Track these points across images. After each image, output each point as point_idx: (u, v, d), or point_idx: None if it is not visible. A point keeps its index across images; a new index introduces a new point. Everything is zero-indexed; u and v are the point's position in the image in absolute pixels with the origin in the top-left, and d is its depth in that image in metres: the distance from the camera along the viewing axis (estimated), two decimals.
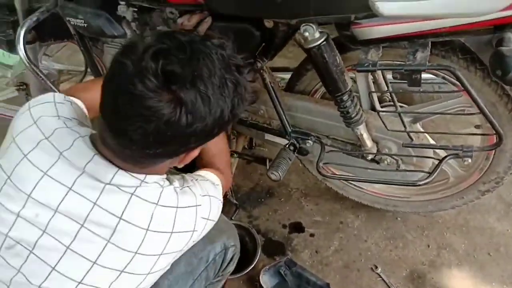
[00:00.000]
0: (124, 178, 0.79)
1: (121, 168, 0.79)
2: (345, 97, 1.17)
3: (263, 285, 1.45)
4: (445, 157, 1.16)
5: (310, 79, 1.35)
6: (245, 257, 1.58)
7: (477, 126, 1.28)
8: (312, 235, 1.66)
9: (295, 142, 1.37)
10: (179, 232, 0.84)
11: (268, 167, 1.39)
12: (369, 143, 1.28)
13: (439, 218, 1.65)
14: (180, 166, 0.86)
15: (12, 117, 0.90)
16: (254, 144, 1.94)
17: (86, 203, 0.78)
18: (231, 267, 1.19)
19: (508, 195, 1.69)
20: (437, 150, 1.33)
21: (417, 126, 1.32)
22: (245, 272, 1.52)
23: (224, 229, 1.12)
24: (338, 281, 1.50)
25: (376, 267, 1.53)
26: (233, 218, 1.71)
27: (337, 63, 1.12)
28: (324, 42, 1.08)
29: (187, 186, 0.88)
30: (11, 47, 1.59)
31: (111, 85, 0.71)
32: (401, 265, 1.54)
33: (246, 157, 1.63)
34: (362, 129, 1.25)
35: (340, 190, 1.64)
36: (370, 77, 1.30)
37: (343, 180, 1.35)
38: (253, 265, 1.53)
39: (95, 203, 0.78)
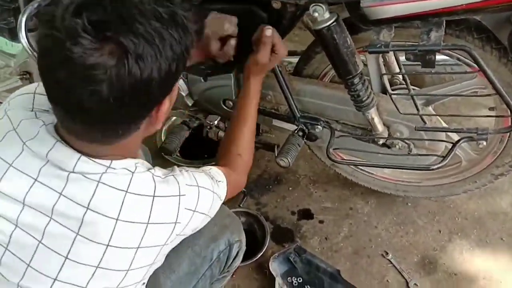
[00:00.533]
0: (87, 165, 0.73)
1: (85, 154, 0.73)
2: (355, 80, 1.14)
3: (272, 272, 1.44)
4: (459, 140, 1.13)
5: (318, 63, 1.32)
6: (254, 244, 1.57)
7: (491, 109, 1.25)
8: (321, 221, 1.64)
9: (304, 128, 1.34)
10: (157, 223, 0.76)
11: (276, 154, 1.37)
12: (380, 127, 1.25)
13: (451, 203, 1.63)
14: (158, 126, 0.77)
15: None
16: (261, 131, 1.90)
17: (52, 194, 0.73)
18: (237, 262, 1.15)
19: None
20: (449, 134, 1.30)
21: (429, 109, 1.29)
22: (254, 259, 1.51)
23: (227, 224, 1.08)
24: (348, 268, 1.49)
25: (387, 253, 1.51)
26: (241, 205, 1.69)
27: (347, 44, 1.08)
28: (334, 23, 1.04)
29: (172, 175, 0.81)
30: (13, 35, 1.56)
31: (46, 62, 0.65)
32: (412, 251, 1.52)
33: (255, 143, 1.60)
34: (373, 113, 1.22)
35: (350, 176, 1.62)
36: (381, 59, 1.26)
37: (353, 165, 1.32)
38: (262, 252, 1.52)
39: (60, 194, 0.72)
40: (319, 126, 1.33)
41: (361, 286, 1.41)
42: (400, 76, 1.40)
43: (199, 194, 0.83)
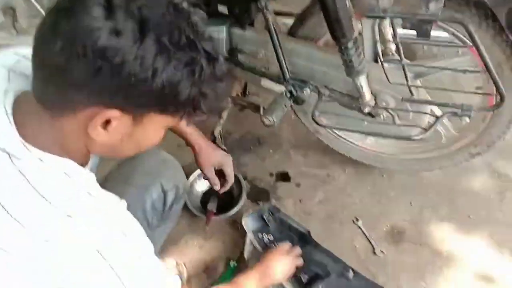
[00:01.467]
0: (14, 145, 0.67)
1: (21, 131, 0.67)
2: (350, 45, 1.13)
3: (244, 227, 1.46)
4: (444, 114, 1.15)
5: (314, 25, 1.30)
6: (230, 201, 1.59)
7: (478, 88, 1.27)
8: (298, 185, 1.67)
9: (292, 90, 1.34)
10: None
11: (261, 114, 1.36)
12: (368, 95, 1.26)
13: (425, 179, 1.67)
14: (96, 136, 0.66)
15: None
16: (248, 92, 1.89)
17: None
18: (177, 207, 1.10)
19: (495, 161, 1.71)
20: (433, 109, 1.32)
21: (418, 82, 1.30)
22: (229, 215, 1.53)
23: (160, 171, 1.02)
24: (319, 231, 1.52)
25: (358, 220, 1.56)
26: None
27: (346, 7, 1.07)
28: None
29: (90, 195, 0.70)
30: None
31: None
32: (382, 220, 1.57)
33: (240, 101, 1.59)
34: (363, 80, 1.22)
35: (331, 143, 1.64)
36: (376, 28, 1.25)
37: (337, 130, 1.33)
38: (237, 209, 1.54)
39: None
40: (307, 89, 1.32)
41: (330, 248, 1.45)
42: (392, 47, 1.41)
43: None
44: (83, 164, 0.75)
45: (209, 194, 1.61)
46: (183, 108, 0.67)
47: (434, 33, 1.28)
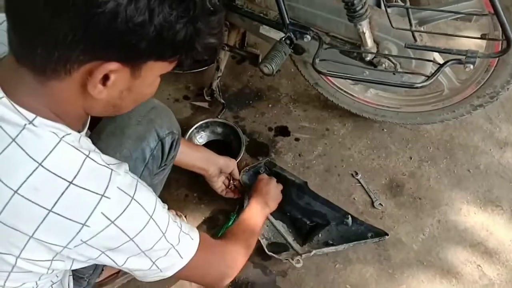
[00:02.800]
0: (8, 110, 0.62)
1: (9, 95, 0.63)
2: None
3: (243, 184, 1.46)
4: (448, 61, 1.11)
5: None
6: (229, 155, 1.57)
7: (483, 35, 1.22)
8: (297, 139, 1.65)
9: (292, 36, 1.29)
10: (61, 216, 0.63)
11: (260, 61, 1.32)
12: (370, 42, 1.22)
13: (425, 132, 1.65)
14: (96, 94, 0.63)
15: None
16: (246, 44, 1.84)
17: None
18: (175, 153, 1.10)
19: (496, 116, 1.68)
20: (436, 58, 1.28)
21: (421, 29, 1.25)
22: None
23: (153, 118, 1.00)
24: (318, 183, 1.52)
25: (357, 173, 1.55)
26: (219, 116, 1.67)
27: None
28: None
29: (110, 168, 0.67)
30: None
31: None
32: (381, 174, 1.56)
33: (238, 51, 1.55)
34: (365, 26, 1.18)
35: (331, 97, 1.61)
36: None
37: (340, 77, 1.29)
38: (236, 162, 1.52)
39: None
40: (307, 36, 1.28)
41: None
42: None
43: (128, 209, 0.67)
44: (79, 130, 0.72)
45: (208, 147, 1.59)
46: (180, 50, 0.64)
47: None
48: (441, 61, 1.23)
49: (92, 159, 0.66)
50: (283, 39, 1.29)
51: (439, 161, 1.59)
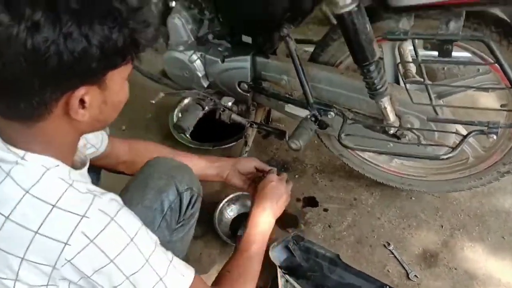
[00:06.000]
0: (1, 151, 0.72)
1: (3, 139, 0.73)
2: (372, 67, 1.16)
3: (273, 261, 1.45)
4: (470, 132, 1.15)
5: (335, 50, 1.34)
6: None
7: (502, 105, 1.27)
8: (325, 210, 1.66)
9: (317, 114, 1.36)
10: (46, 236, 0.69)
11: (287, 138, 1.39)
12: (392, 116, 1.27)
13: (454, 200, 1.65)
14: (81, 117, 0.72)
15: None
16: (271, 120, 1.93)
17: None
18: (194, 210, 1.13)
19: None
20: (458, 129, 1.32)
21: (441, 102, 1.31)
22: None
23: (174, 174, 1.06)
24: (349, 255, 1.51)
25: (389, 244, 1.53)
26: None
27: (367, 30, 1.10)
28: (356, 8, 1.07)
29: (93, 194, 0.73)
30: None
31: None
32: (413, 244, 1.54)
33: (265, 128, 1.63)
34: (386, 102, 1.24)
35: (356, 167, 1.64)
36: (397, 50, 1.28)
37: (365, 151, 1.34)
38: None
39: None
40: (331, 113, 1.35)
41: None
42: (413, 69, 1.43)
43: (108, 227, 0.72)
44: (76, 166, 0.82)
45: (239, 220, 1.62)
46: (128, 52, 0.72)
47: (455, 52, 1.31)
48: (464, 131, 1.28)
49: (75, 188, 0.73)
50: (309, 116, 1.36)
51: (471, 229, 1.57)
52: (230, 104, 1.49)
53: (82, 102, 0.71)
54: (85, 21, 0.65)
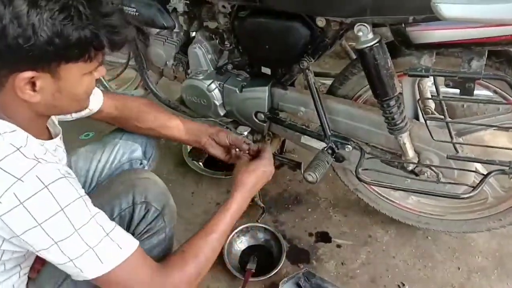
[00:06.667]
0: None
1: None
2: (392, 102, 1.16)
3: None
4: (491, 172, 1.12)
5: (354, 84, 1.34)
6: (270, 261, 1.55)
7: None
8: (339, 246, 1.62)
9: (334, 146, 1.35)
10: None
11: (302, 171, 1.37)
12: (411, 152, 1.26)
13: (472, 241, 1.60)
14: (29, 98, 0.77)
15: None
16: (285, 150, 1.92)
17: None
18: (150, 227, 1.05)
19: None
20: (478, 167, 1.30)
21: (460, 140, 1.29)
22: (268, 276, 1.49)
23: (136, 184, 1.04)
24: None
25: (403, 285, 1.48)
26: (258, 221, 1.68)
27: (388, 66, 1.11)
28: (377, 44, 1.08)
29: (37, 161, 0.76)
30: None
31: None
32: (429, 285, 1.49)
33: (281, 158, 1.62)
34: (405, 138, 1.23)
35: (372, 202, 1.61)
36: (416, 86, 1.28)
37: (383, 186, 1.31)
38: (276, 270, 1.50)
39: None
40: (349, 146, 1.33)
41: None
42: (432, 106, 1.43)
43: (38, 193, 0.75)
44: (41, 137, 0.86)
45: (248, 253, 1.58)
46: (84, 51, 0.75)
47: (476, 91, 1.30)
48: (482, 170, 1.25)
49: (22, 153, 0.76)
50: (325, 149, 1.34)
51: (490, 272, 1.51)
52: (246, 133, 1.49)
53: (33, 84, 0.76)
54: (37, 11, 0.69)
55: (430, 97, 1.32)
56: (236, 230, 1.61)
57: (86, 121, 1.26)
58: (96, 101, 1.17)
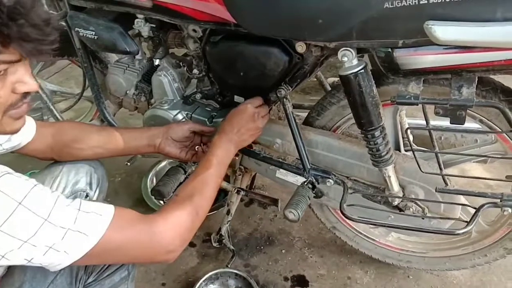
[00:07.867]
0: None
1: None
2: (377, 133, 1.08)
3: None
4: (484, 204, 1.06)
5: (333, 114, 1.27)
6: None
7: (508, 177, 1.21)
8: None
9: (314, 181, 1.25)
10: None
11: (280, 209, 1.26)
12: (396, 186, 1.18)
13: (454, 278, 1.53)
14: None
15: None
16: (254, 186, 1.81)
17: None
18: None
19: None
20: (465, 200, 1.24)
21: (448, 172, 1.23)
22: None
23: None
24: None
25: None
26: (229, 265, 1.53)
27: (373, 93, 1.04)
28: (362, 70, 1.01)
29: None
30: None
31: None
32: None
33: (255, 194, 1.49)
34: (390, 170, 1.15)
35: (350, 241, 1.51)
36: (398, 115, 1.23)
37: (372, 224, 1.22)
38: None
39: None
40: (330, 180, 1.24)
41: None
42: (411, 136, 1.37)
43: None
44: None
45: None
46: None
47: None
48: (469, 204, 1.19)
49: None
50: (305, 183, 1.24)
51: None
52: None
53: None
54: None
55: (413, 127, 1.26)
56: (204, 278, 1.44)
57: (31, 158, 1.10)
58: (28, 130, 1.07)
